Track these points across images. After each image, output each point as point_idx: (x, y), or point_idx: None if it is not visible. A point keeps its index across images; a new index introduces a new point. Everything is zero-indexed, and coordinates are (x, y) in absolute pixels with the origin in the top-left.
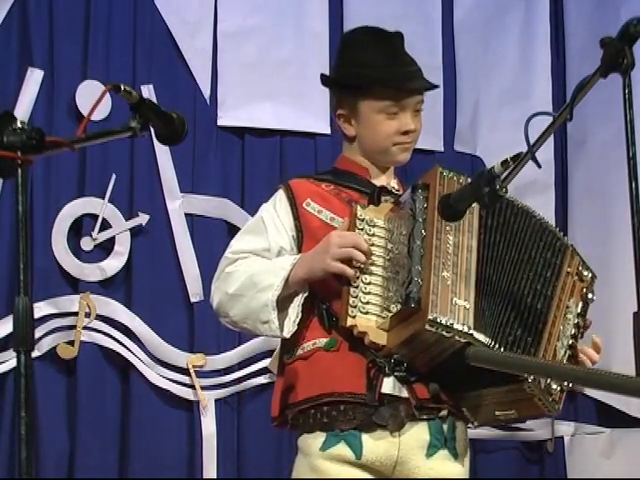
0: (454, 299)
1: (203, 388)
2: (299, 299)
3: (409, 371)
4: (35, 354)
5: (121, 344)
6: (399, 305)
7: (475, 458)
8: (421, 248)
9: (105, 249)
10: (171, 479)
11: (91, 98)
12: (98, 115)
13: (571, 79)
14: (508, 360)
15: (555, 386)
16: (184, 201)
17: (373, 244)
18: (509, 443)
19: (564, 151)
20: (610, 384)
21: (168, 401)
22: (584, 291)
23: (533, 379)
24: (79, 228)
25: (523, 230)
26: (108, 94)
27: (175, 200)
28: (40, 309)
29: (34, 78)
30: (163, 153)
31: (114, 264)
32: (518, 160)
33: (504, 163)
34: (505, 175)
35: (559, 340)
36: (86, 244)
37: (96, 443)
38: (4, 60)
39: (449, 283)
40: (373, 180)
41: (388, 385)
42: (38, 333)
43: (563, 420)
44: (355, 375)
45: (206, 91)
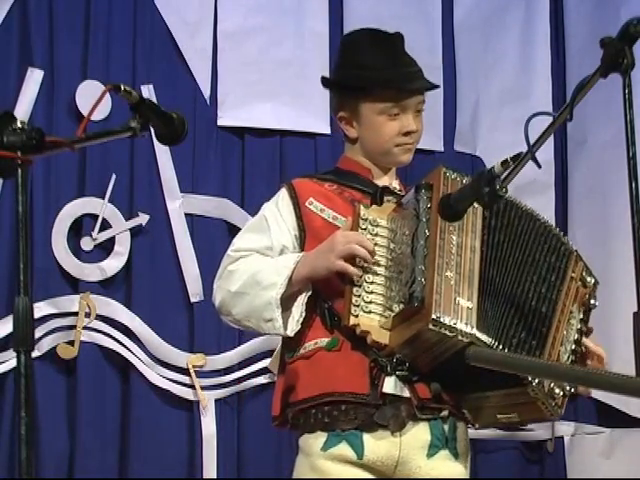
0: (457, 299)
1: (203, 388)
2: (303, 298)
3: (411, 371)
4: (35, 354)
5: (121, 344)
6: (402, 305)
7: (475, 458)
8: (424, 248)
9: (105, 249)
10: (171, 479)
11: (91, 98)
12: (98, 115)
13: (571, 79)
14: (508, 360)
15: (558, 390)
16: (184, 201)
17: (376, 244)
18: (509, 443)
19: (564, 151)
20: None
21: (168, 401)
22: (587, 297)
23: (537, 383)
24: (79, 228)
25: (527, 233)
26: (108, 94)
27: (175, 200)
28: (40, 309)
29: (34, 78)
30: (163, 153)
31: (114, 264)
32: (518, 160)
33: (504, 163)
34: (505, 175)
35: (562, 345)
36: (86, 244)
37: (96, 443)
38: (4, 60)
39: (452, 283)
40: (375, 181)
41: (390, 385)
42: (38, 333)
43: (563, 420)
44: (357, 375)
45: (206, 91)
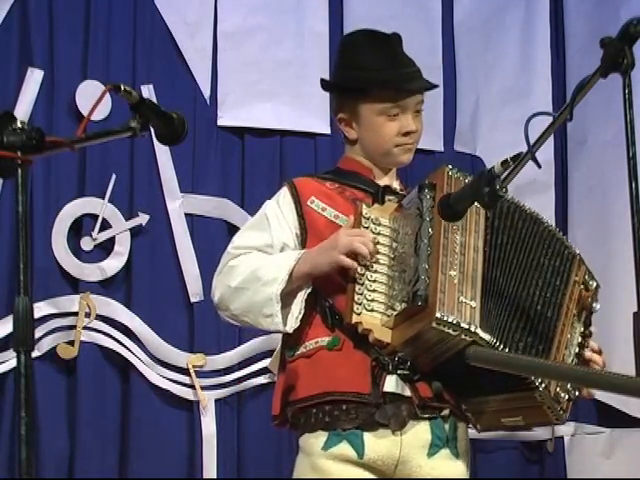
0: (461, 298)
1: (203, 388)
2: (302, 295)
3: (412, 370)
4: (35, 354)
5: (121, 344)
6: (404, 304)
7: (475, 458)
8: (428, 247)
9: (105, 249)
10: (171, 479)
11: (91, 98)
12: (98, 115)
13: (571, 79)
14: (508, 360)
15: (563, 394)
16: (184, 201)
17: (378, 242)
18: (509, 443)
19: (564, 151)
20: (610, 384)
21: (168, 401)
22: (589, 300)
23: (544, 387)
24: (79, 228)
25: (531, 235)
26: (108, 94)
27: (175, 200)
28: (40, 309)
29: (34, 78)
30: (163, 153)
31: (114, 264)
32: (518, 160)
33: (504, 163)
34: (505, 175)
35: (567, 349)
36: (86, 244)
37: (96, 443)
38: (4, 60)
39: (456, 282)
40: (376, 181)
41: (391, 383)
42: (38, 333)
43: None
44: (359, 375)
45: (206, 91)
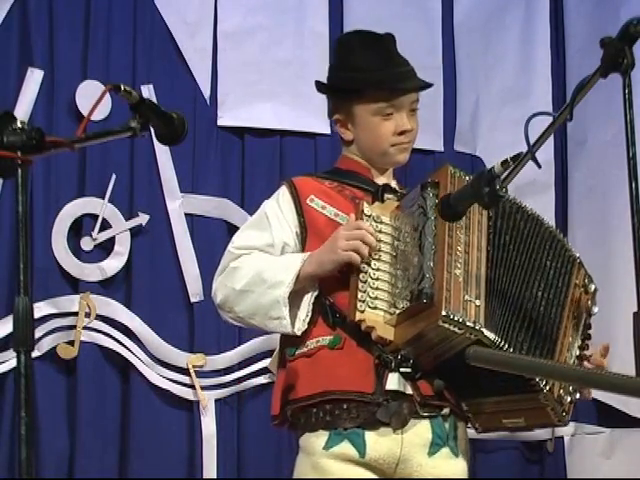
0: (466, 296)
1: (203, 388)
2: (309, 297)
3: (414, 368)
4: (35, 354)
5: (121, 344)
6: (407, 302)
7: (475, 458)
8: (433, 245)
9: (105, 249)
10: (171, 479)
11: (91, 98)
12: (98, 115)
13: (571, 79)
14: (508, 360)
15: (566, 396)
16: (184, 201)
17: (380, 240)
18: (509, 443)
19: (564, 151)
20: (610, 384)
21: (168, 401)
22: (589, 303)
23: (549, 389)
24: (79, 228)
25: (533, 236)
26: (108, 94)
27: (175, 200)
28: (40, 309)
29: (34, 78)
30: (163, 153)
31: (114, 264)
32: (518, 160)
33: (504, 163)
34: (505, 175)
35: (569, 351)
36: (86, 244)
37: (96, 443)
38: (4, 60)
39: (461, 280)
40: (374, 180)
41: (393, 381)
42: (38, 333)
43: None
44: (361, 374)
45: (206, 91)
